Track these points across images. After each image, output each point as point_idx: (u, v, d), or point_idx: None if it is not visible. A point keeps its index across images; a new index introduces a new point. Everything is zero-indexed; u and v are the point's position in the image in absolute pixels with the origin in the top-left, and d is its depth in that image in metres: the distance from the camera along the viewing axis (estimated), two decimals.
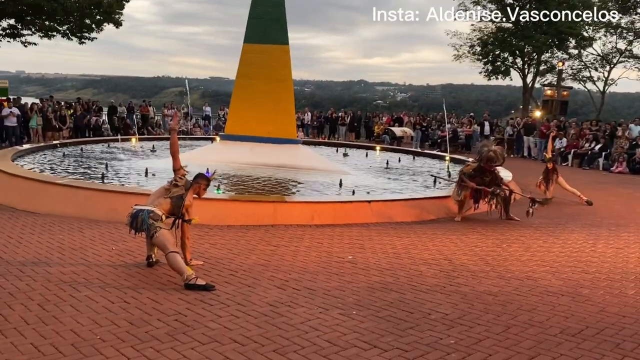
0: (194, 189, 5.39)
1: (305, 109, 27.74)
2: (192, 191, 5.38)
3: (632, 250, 6.83)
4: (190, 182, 5.39)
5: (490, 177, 8.69)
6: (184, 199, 5.23)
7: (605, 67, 34.05)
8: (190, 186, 5.37)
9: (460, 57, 33.52)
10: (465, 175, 8.70)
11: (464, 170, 8.84)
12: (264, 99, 12.81)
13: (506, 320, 4.28)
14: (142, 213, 5.06)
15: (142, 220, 5.03)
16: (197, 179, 5.43)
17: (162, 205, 5.18)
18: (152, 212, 5.05)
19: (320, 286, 4.98)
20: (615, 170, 16.86)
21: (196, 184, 5.40)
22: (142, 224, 5.03)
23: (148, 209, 5.08)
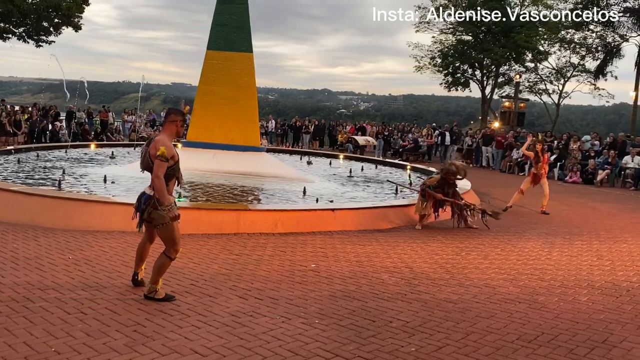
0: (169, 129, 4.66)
1: (269, 117, 27.71)
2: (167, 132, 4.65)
3: (585, 258, 7.08)
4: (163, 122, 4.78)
5: (453, 189, 9.01)
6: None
7: (560, 81, 35.31)
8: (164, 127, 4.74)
9: (422, 68, 34.19)
10: (431, 187, 8.88)
11: (428, 183, 9.01)
12: (228, 106, 12.74)
13: (465, 327, 4.37)
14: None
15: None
16: (170, 115, 4.73)
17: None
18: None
19: (283, 295, 4.97)
20: (570, 180, 17.46)
21: (170, 122, 4.68)
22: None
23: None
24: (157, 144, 4.52)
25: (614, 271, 6.43)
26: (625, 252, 7.55)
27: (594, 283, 5.89)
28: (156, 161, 4.48)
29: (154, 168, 4.49)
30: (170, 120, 4.69)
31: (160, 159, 4.46)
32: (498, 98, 35.27)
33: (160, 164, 4.47)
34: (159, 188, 4.48)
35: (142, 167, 4.70)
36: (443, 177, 8.91)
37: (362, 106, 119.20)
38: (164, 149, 4.46)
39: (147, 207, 4.57)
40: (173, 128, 4.68)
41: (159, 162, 4.47)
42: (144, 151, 4.65)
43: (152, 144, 4.58)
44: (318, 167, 16.05)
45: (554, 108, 36.56)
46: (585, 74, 34.66)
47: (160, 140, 4.55)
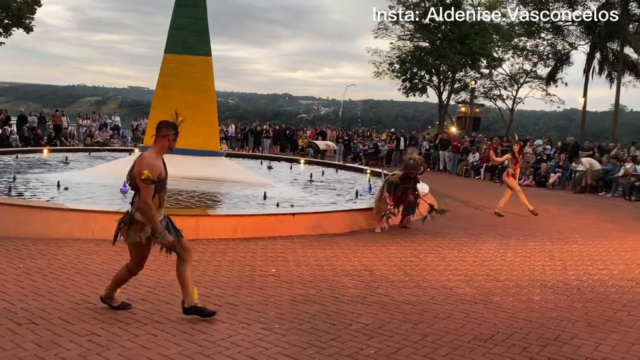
0: (160, 145, 4.26)
1: (229, 121, 27.51)
2: (158, 148, 4.27)
3: (538, 259, 7.30)
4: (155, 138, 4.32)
5: (414, 184, 9.24)
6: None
7: (514, 87, 36.43)
8: (154, 143, 4.30)
9: (380, 74, 34.61)
10: (393, 184, 9.01)
11: (391, 180, 9.13)
12: (186, 110, 12.29)
13: (423, 329, 4.43)
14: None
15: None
16: (161, 129, 4.29)
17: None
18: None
19: (243, 301, 4.93)
20: (523, 183, 17.96)
21: (162, 137, 4.27)
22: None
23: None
24: (142, 162, 4.14)
25: (565, 271, 6.66)
26: (576, 252, 7.82)
27: (547, 282, 6.08)
28: (142, 185, 4.12)
29: (141, 192, 4.15)
30: (162, 134, 4.25)
31: (146, 182, 4.09)
32: (454, 103, 36.12)
33: (147, 187, 4.10)
34: (149, 214, 4.15)
35: (127, 178, 4.38)
36: (405, 173, 9.08)
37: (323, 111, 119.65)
38: (148, 172, 4.08)
39: (120, 221, 4.34)
40: (165, 143, 4.26)
41: (144, 186, 4.11)
42: (131, 166, 4.31)
43: (138, 160, 4.21)
44: (279, 172, 16.02)
45: (508, 113, 37.68)
46: (537, 80, 35.90)
47: (146, 160, 4.14)
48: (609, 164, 16.90)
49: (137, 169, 4.17)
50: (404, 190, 9.07)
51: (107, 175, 11.58)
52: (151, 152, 4.25)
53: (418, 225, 9.21)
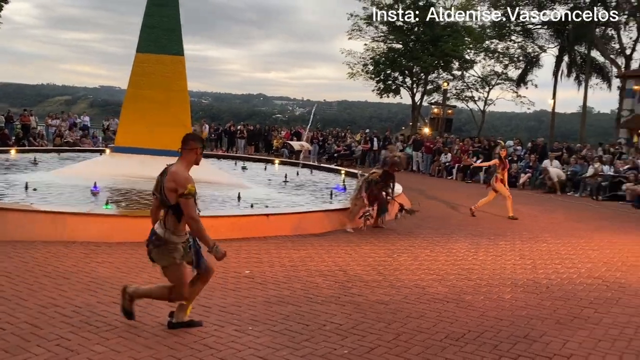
0: (188, 158, 4.07)
1: (202, 121, 27.26)
2: (186, 162, 4.07)
3: (509, 258, 7.43)
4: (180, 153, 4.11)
5: (392, 183, 9.38)
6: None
7: (485, 88, 37.03)
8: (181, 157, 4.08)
9: (354, 75, 34.80)
10: (373, 182, 9.07)
11: (371, 178, 9.15)
12: (158, 110, 12.41)
13: (397, 328, 4.47)
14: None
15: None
16: (189, 142, 4.11)
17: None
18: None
19: (216, 303, 4.89)
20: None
21: (189, 151, 4.07)
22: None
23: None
24: (176, 177, 3.91)
25: (535, 269, 6.79)
26: (545, 251, 7.99)
27: (517, 281, 6.19)
28: (183, 201, 3.88)
29: (184, 208, 3.89)
30: (189, 147, 4.06)
31: (187, 197, 3.87)
32: (427, 105, 36.54)
33: (189, 202, 3.88)
34: (198, 230, 3.93)
35: (157, 195, 4.11)
36: (386, 171, 9.15)
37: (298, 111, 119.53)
38: (192, 186, 3.89)
39: (148, 244, 4.05)
40: (192, 156, 4.07)
41: (186, 201, 3.88)
42: (157, 181, 4.09)
43: (169, 175, 3.95)
44: (253, 173, 15.93)
45: (480, 114, 38.27)
46: (508, 82, 36.57)
47: (181, 174, 3.93)
48: (577, 165, 17.30)
49: (171, 184, 3.91)
50: (380, 189, 9.13)
51: (78, 176, 11.37)
52: (180, 166, 4.02)
53: (392, 225, 9.29)
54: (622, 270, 6.94)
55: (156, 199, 4.12)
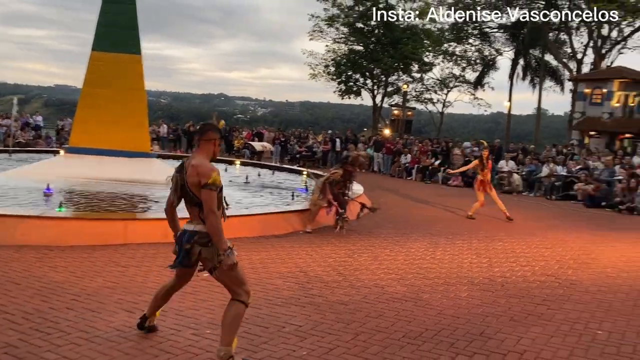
0: (206, 150, 3.80)
1: (161, 121, 26.79)
2: (204, 154, 3.79)
3: (465, 256, 7.58)
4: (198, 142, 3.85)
5: (351, 181, 9.39)
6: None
7: (444, 90, 37.75)
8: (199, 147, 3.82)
9: (316, 76, 34.91)
10: (334, 182, 9.04)
11: (332, 178, 9.11)
12: (115, 109, 12.14)
13: (355, 328, 4.49)
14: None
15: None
16: (207, 132, 3.82)
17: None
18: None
19: (173, 307, 4.80)
20: (452, 183, 18.63)
21: (207, 142, 3.81)
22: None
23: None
24: (200, 168, 3.63)
25: (491, 268, 6.95)
26: (500, 249, 8.19)
27: (473, 279, 6.32)
28: (205, 192, 3.57)
29: (206, 200, 3.58)
30: (207, 138, 3.79)
31: (211, 188, 3.58)
32: (388, 106, 36.97)
33: (212, 194, 3.58)
34: (216, 227, 3.58)
35: (174, 198, 3.83)
36: (346, 170, 9.11)
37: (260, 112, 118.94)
38: (217, 176, 3.62)
39: (192, 245, 3.68)
40: (210, 148, 3.80)
41: (209, 192, 3.58)
42: (175, 179, 3.80)
43: (191, 169, 3.67)
44: None
45: (439, 116, 38.98)
46: (466, 84, 37.40)
47: (204, 166, 3.66)
48: (532, 165, 17.82)
49: (194, 178, 3.63)
50: (340, 189, 9.16)
51: (30, 177, 11.00)
52: (200, 158, 3.74)
53: (352, 225, 9.32)
54: (574, 267, 7.18)
55: (176, 198, 3.83)
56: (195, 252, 3.68)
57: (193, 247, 3.68)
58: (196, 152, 3.85)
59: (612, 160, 16.58)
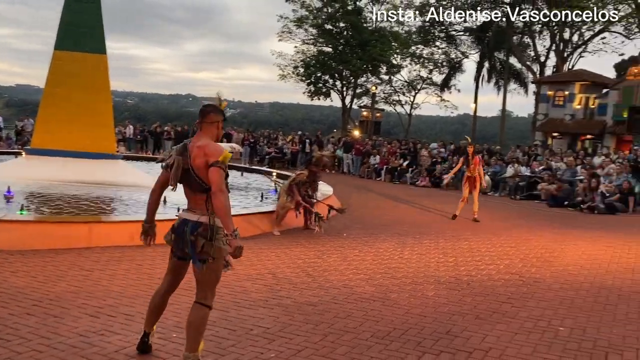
0: (209, 132, 3.61)
1: (127, 122, 26.34)
2: (208, 136, 3.59)
3: (432, 255, 7.68)
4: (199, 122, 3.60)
5: (317, 182, 9.47)
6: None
7: (411, 92, 38.19)
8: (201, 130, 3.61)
9: (285, 77, 34.89)
10: (300, 183, 9.04)
11: (299, 179, 9.09)
12: (79, 110, 11.87)
13: (324, 329, 4.50)
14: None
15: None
16: (208, 114, 3.61)
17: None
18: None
19: (139, 311, 4.71)
20: (420, 184, 18.87)
21: (210, 124, 3.61)
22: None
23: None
24: (207, 148, 3.44)
25: (457, 266, 7.06)
26: (466, 248, 8.32)
27: (440, 278, 6.41)
28: (214, 170, 3.37)
29: (215, 179, 3.37)
30: (209, 120, 3.59)
31: (220, 166, 3.39)
32: (357, 108, 37.21)
33: (221, 173, 3.38)
34: (226, 207, 3.33)
35: (174, 182, 3.57)
36: (311, 171, 9.15)
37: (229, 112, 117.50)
38: (227, 152, 3.43)
39: (197, 237, 3.47)
40: (214, 130, 3.61)
41: (218, 170, 3.38)
42: (176, 162, 3.54)
43: (196, 150, 3.46)
44: None
45: (407, 118, 39.40)
46: (433, 86, 37.94)
47: (211, 144, 3.49)
48: (497, 166, 18.18)
49: (200, 160, 3.42)
50: (306, 190, 9.16)
51: None
52: (206, 139, 3.55)
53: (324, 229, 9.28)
54: (537, 265, 7.34)
55: (174, 181, 3.57)
56: (199, 245, 3.47)
57: (197, 239, 3.48)
58: (198, 135, 3.61)
59: (574, 160, 17.06)
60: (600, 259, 7.85)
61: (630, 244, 9.12)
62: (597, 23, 27.85)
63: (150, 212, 3.77)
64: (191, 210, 3.57)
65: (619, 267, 7.37)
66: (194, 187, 3.52)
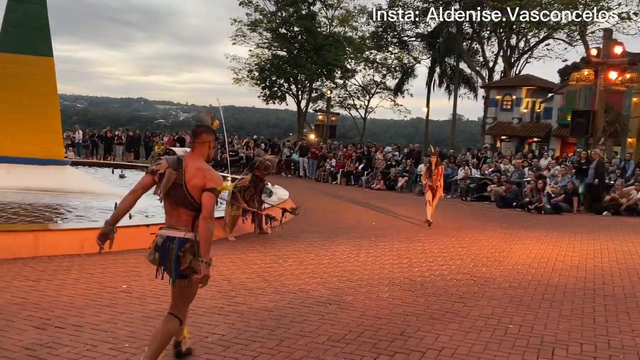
0: (201, 152, 3.64)
1: (76, 127, 25.57)
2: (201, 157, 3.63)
3: (387, 257, 7.79)
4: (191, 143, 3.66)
5: (262, 186, 9.28)
6: None
7: (366, 97, 38.66)
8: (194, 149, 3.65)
9: (240, 80, 34.65)
10: (244, 189, 8.86)
11: (240, 185, 8.93)
12: (24, 115, 11.45)
13: (280, 334, 4.49)
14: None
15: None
16: (200, 135, 3.63)
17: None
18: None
19: (89, 321, 4.59)
20: (375, 187, 19.11)
21: (202, 144, 3.64)
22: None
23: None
24: (210, 173, 3.50)
25: (411, 268, 7.18)
26: (420, 250, 8.48)
27: (395, 280, 6.50)
28: (208, 195, 3.42)
29: (207, 204, 3.42)
30: (200, 141, 3.62)
31: (215, 193, 3.46)
32: (313, 112, 37.37)
33: (214, 199, 3.44)
34: (210, 234, 3.43)
35: (162, 193, 3.56)
36: (255, 175, 8.97)
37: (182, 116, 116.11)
38: (226, 184, 3.56)
39: (184, 254, 3.49)
40: (205, 150, 3.65)
41: (212, 196, 3.43)
42: (168, 174, 3.52)
43: (195, 171, 3.48)
44: (132, 181, 15.19)
45: (362, 121, 39.83)
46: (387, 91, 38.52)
47: (212, 170, 3.54)
48: (449, 168, 18.60)
49: (199, 181, 3.45)
50: (251, 195, 8.99)
51: None
52: (201, 161, 3.58)
53: (279, 231, 9.28)
54: (487, 265, 7.56)
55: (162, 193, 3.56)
56: (186, 261, 3.50)
57: (185, 254, 3.50)
58: (192, 154, 3.64)
59: (522, 162, 17.66)
60: (547, 257, 8.16)
61: (574, 242, 9.53)
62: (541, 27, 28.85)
63: (117, 215, 3.69)
64: (173, 227, 3.57)
65: (564, 265, 7.67)
66: (182, 203, 3.52)
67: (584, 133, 16.85)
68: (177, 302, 3.65)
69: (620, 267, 7.57)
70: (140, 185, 3.65)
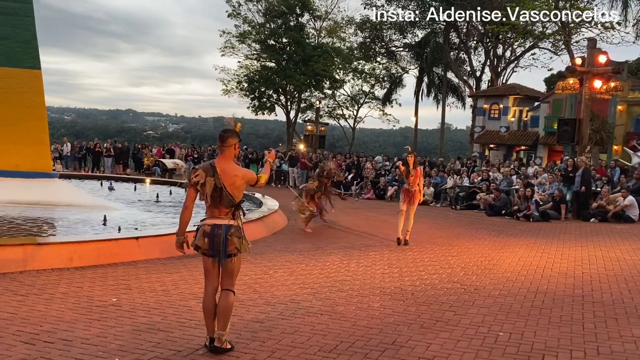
0: (229, 154, 4.29)
1: (64, 139, 25.41)
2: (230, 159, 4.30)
3: (378, 267, 7.80)
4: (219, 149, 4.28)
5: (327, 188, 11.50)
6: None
7: (355, 106, 38.86)
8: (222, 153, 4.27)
9: (229, 91, 34.70)
10: (314, 191, 11.05)
11: (309, 187, 11.19)
12: (11, 127, 11.38)
13: (271, 346, 4.48)
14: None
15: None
16: (227, 139, 4.24)
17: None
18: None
19: (78, 335, 4.55)
20: (365, 196, 19.15)
21: (229, 147, 4.26)
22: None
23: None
24: (247, 173, 4.35)
25: (402, 277, 7.20)
26: (410, 259, 8.51)
27: (385, 289, 6.52)
28: (239, 188, 4.25)
29: (236, 194, 4.22)
30: (228, 144, 4.22)
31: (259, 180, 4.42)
32: (302, 122, 37.47)
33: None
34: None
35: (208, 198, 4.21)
36: (322, 180, 11.04)
37: (171, 128, 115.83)
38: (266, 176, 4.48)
39: (232, 236, 4.19)
40: (231, 152, 4.27)
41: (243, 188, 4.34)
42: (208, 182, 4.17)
43: (232, 176, 4.18)
44: (121, 193, 15.15)
45: (351, 131, 39.98)
46: (375, 100, 38.76)
47: (239, 168, 4.36)
48: (438, 177, 18.72)
49: (240, 181, 4.21)
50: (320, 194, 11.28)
51: None
52: (233, 164, 4.27)
53: (269, 242, 9.30)
54: (477, 273, 7.59)
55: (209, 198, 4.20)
56: (233, 242, 4.18)
57: (232, 237, 4.18)
58: (222, 157, 4.24)
59: (510, 171, 17.80)
60: (536, 264, 8.22)
61: (562, 250, 9.61)
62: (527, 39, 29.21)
63: (183, 225, 4.35)
64: (217, 217, 4.24)
65: (553, 272, 7.73)
66: (223, 202, 4.20)
67: (570, 141, 17.01)
68: (227, 279, 4.28)
69: (609, 274, 7.64)
70: (190, 200, 4.29)
